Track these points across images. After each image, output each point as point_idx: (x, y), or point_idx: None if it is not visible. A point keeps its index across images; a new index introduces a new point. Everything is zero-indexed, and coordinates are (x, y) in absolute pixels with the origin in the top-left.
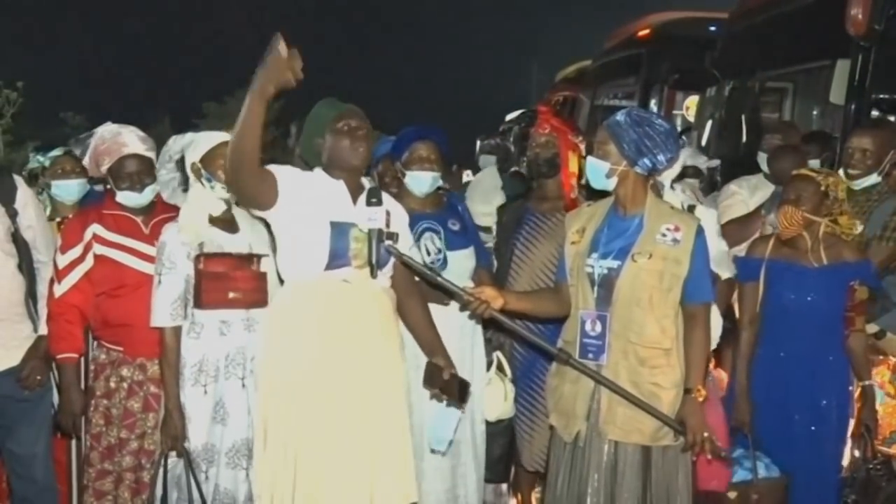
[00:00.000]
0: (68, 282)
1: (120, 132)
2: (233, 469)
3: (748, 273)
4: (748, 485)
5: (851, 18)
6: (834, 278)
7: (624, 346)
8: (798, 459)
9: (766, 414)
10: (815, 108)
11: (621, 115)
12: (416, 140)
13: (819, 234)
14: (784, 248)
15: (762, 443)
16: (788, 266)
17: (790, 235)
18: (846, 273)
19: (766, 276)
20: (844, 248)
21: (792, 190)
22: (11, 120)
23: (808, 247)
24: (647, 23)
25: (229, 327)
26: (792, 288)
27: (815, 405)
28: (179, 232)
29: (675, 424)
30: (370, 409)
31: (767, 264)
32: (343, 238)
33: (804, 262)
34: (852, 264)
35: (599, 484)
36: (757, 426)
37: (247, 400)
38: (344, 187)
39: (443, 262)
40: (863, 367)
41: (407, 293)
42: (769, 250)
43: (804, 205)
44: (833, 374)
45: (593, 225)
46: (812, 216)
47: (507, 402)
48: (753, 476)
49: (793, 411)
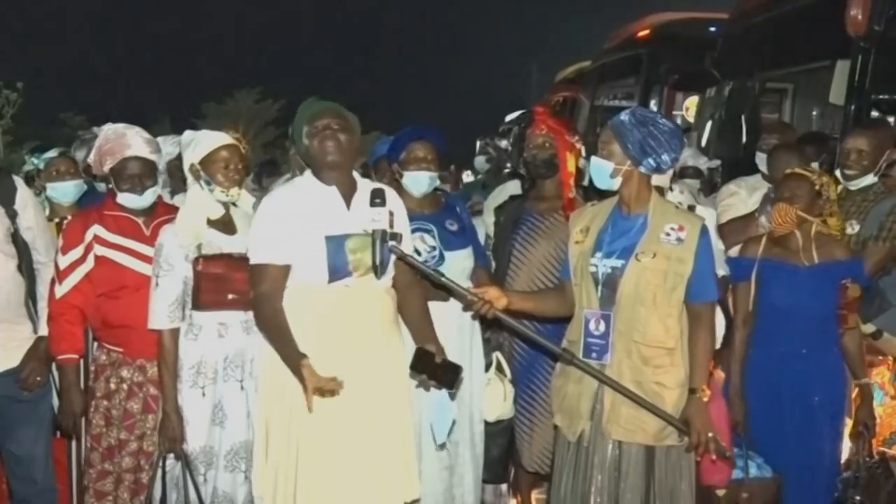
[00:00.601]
0: (69, 282)
1: (125, 133)
2: (231, 471)
3: (740, 273)
4: (739, 484)
5: (851, 19)
6: (825, 277)
7: (627, 346)
8: (791, 458)
9: (759, 413)
10: (815, 109)
11: (625, 114)
12: (413, 140)
13: (811, 234)
14: (776, 248)
15: (755, 442)
16: (780, 265)
17: (783, 233)
18: (837, 272)
19: (758, 276)
20: (836, 247)
21: (786, 188)
22: (11, 121)
23: (799, 246)
24: (646, 23)
25: (228, 329)
26: (783, 287)
27: (807, 404)
28: (176, 234)
29: (679, 424)
30: (372, 409)
31: (759, 264)
32: (340, 252)
33: (795, 262)
34: (843, 263)
35: (603, 484)
36: (750, 425)
37: (245, 402)
38: (336, 192)
39: (438, 258)
40: (858, 366)
41: (406, 286)
42: (761, 250)
43: (798, 203)
44: (825, 372)
45: (597, 224)
46: (805, 215)
47: (506, 402)
48: (745, 475)
49: (785, 410)
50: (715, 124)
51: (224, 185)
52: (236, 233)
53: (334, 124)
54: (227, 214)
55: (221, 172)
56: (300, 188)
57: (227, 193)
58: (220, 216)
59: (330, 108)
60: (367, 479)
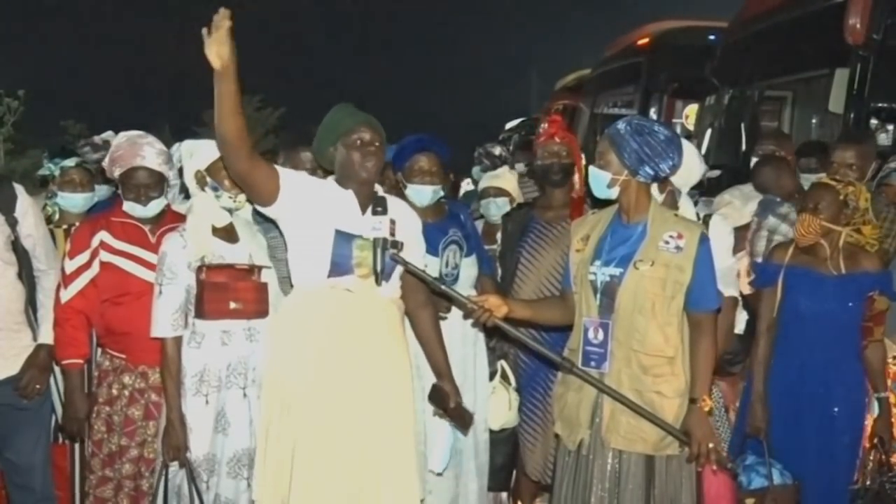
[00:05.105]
0: (74, 287)
1: (137, 142)
2: (234, 479)
3: (766, 279)
4: (765, 491)
5: (850, 28)
6: (852, 287)
7: (627, 354)
8: (808, 467)
9: (779, 420)
10: (814, 117)
11: (622, 123)
12: (417, 151)
13: (839, 244)
14: (803, 256)
15: (773, 449)
16: (807, 273)
17: (807, 244)
18: (865, 283)
19: (784, 283)
20: (864, 258)
21: (811, 198)
22: (12, 128)
23: (827, 255)
24: (646, 31)
25: (231, 337)
26: (809, 295)
27: (827, 413)
28: (185, 247)
29: (679, 434)
30: (374, 418)
31: (786, 271)
32: (346, 247)
33: (822, 270)
34: (872, 274)
35: (603, 493)
36: (769, 432)
37: (248, 410)
38: (353, 198)
39: (456, 277)
40: (879, 378)
41: (417, 304)
42: (788, 257)
43: (822, 213)
44: (847, 383)
45: (597, 233)
46: (830, 225)
47: (511, 410)
48: (769, 483)
49: (805, 418)
50: (714, 132)
51: (232, 191)
52: (238, 242)
53: (376, 142)
54: (230, 223)
55: (229, 178)
56: (322, 184)
57: (235, 199)
58: (225, 224)
59: (369, 123)
60: (364, 486)
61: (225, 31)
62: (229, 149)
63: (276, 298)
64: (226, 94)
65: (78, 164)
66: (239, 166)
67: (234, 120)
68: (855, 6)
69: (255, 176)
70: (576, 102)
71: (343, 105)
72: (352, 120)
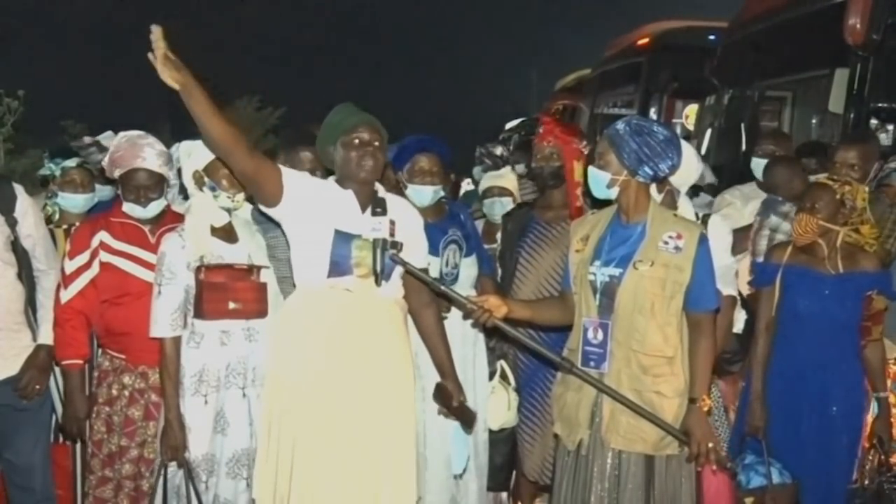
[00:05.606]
0: (74, 287)
1: (138, 143)
2: (233, 479)
3: (764, 278)
4: (763, 491)
5: (850, 28)
6: (850, 287)
7: (626, 354)
8: (807, 466)
9: (778, 420)
10: (814, 117)
11: (621, 124)
12: (418, 152)
13: (836, 243)
14: (801, 255)
15: (772, 449)
16: (805, 272)
17: (804, 243)
18: (863, 282)
19: (782, 282)
20: (863, 258)
21: (808, 198)
22: (12, 128)
23: (825, 254)
24: (646, 31)
25: (230, 337)
26: (807, 294)
27: (825, 413)
28: (184, 248)
29: (678, 434)
30: (375, 418)
31: (784, 270)
32: (345, 247)
33: (821, 270)
34: (870, 274)
35: (603, 493)
36: (768, 432)
37: (247, 410)
38: (353, 198)
39: (456, 277)
40: (878, 378)
41: (421, 303)
42: (787, 256)
43: (819, 212)
44: (845, 382)
45: (597, 233)
46: (828, 224)
47: (510, 410)
48: (768, 482)
49: (803, 418)
50: (714, 132)
51: (230, 190)
52: (237, 242)
53: (375, 141)
54: (228, 223)
55: (227, 178)
56: (322, 184)
57: (233, 199)
58: (223, 224)
59: (369, 122)
60: (364, 486)
61: (163, 53)
62: (225, 152)
63: (275, 298)
64: (195, 104)
65: (79, 164)
66: (242, 166)
67: (216, 123)
68: (855, 6)
69: (261, 174)
70: (576, 102)
71: (344, 105)
72: (351, 120)
